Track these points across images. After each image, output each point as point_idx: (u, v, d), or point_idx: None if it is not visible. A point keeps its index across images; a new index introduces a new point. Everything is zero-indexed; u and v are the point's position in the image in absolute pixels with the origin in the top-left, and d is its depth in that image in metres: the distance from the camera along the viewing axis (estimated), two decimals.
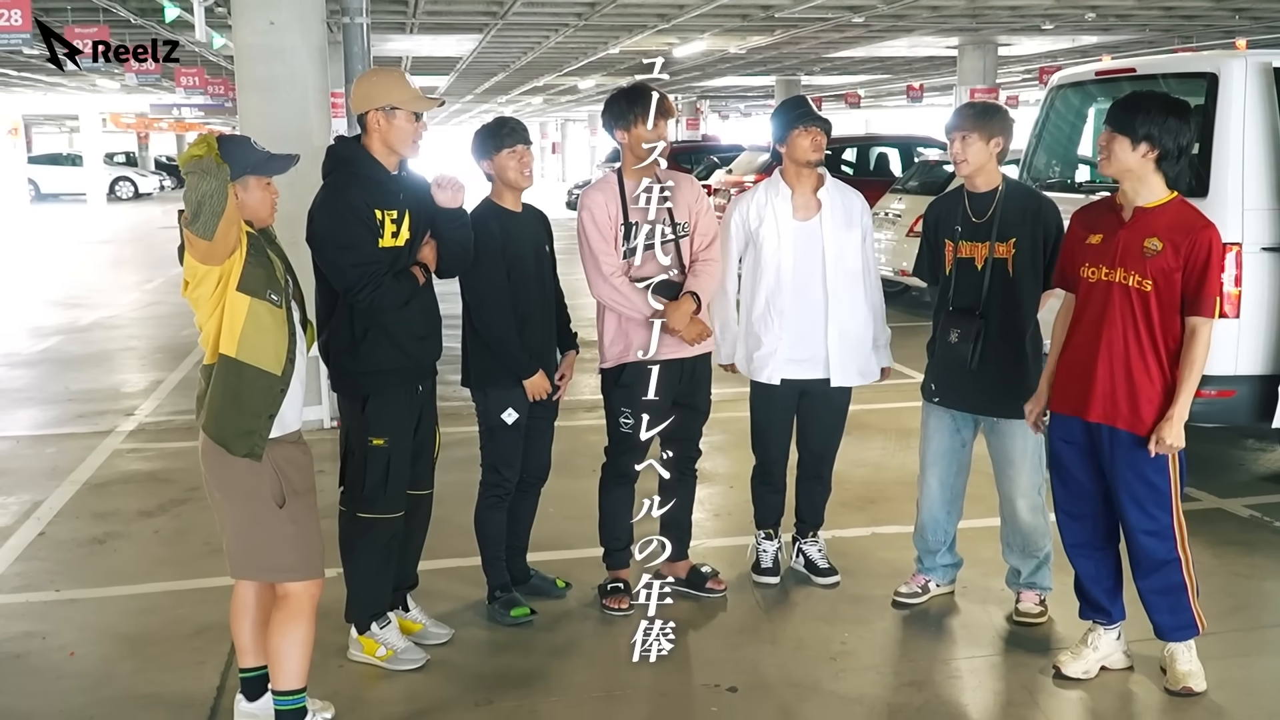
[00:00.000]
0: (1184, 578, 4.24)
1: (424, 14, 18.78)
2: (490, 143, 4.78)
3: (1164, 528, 4.20)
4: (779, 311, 5.15)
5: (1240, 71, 6.06)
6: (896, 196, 13.74)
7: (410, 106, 4.35)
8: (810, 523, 5.46)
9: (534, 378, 4.81)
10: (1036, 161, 7.76)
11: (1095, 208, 4.40)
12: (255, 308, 3.66)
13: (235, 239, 3.58)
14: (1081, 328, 4.27)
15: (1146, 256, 4.06)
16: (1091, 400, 4.20)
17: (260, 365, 3.68)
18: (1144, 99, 4.14)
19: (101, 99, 39.56)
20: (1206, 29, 22.26)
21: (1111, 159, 4.11)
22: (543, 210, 5.09)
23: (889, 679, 4.55)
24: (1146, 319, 4.08)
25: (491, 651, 4.77)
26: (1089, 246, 4.25)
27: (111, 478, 7.28)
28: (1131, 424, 4.13)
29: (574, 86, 37.52)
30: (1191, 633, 4.30)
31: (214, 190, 3.45)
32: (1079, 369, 4.25)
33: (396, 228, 4.36)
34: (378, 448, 4.40)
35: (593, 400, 5.99)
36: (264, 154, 3.72)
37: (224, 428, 3.70)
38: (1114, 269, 4.13)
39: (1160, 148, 4.04)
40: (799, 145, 5.08)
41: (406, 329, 4.41)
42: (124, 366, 11.32)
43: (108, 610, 5.27)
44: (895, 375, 5.51)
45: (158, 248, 23.20)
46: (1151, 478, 4.16)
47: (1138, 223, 4.12)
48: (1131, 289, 4.09)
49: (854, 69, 33.69)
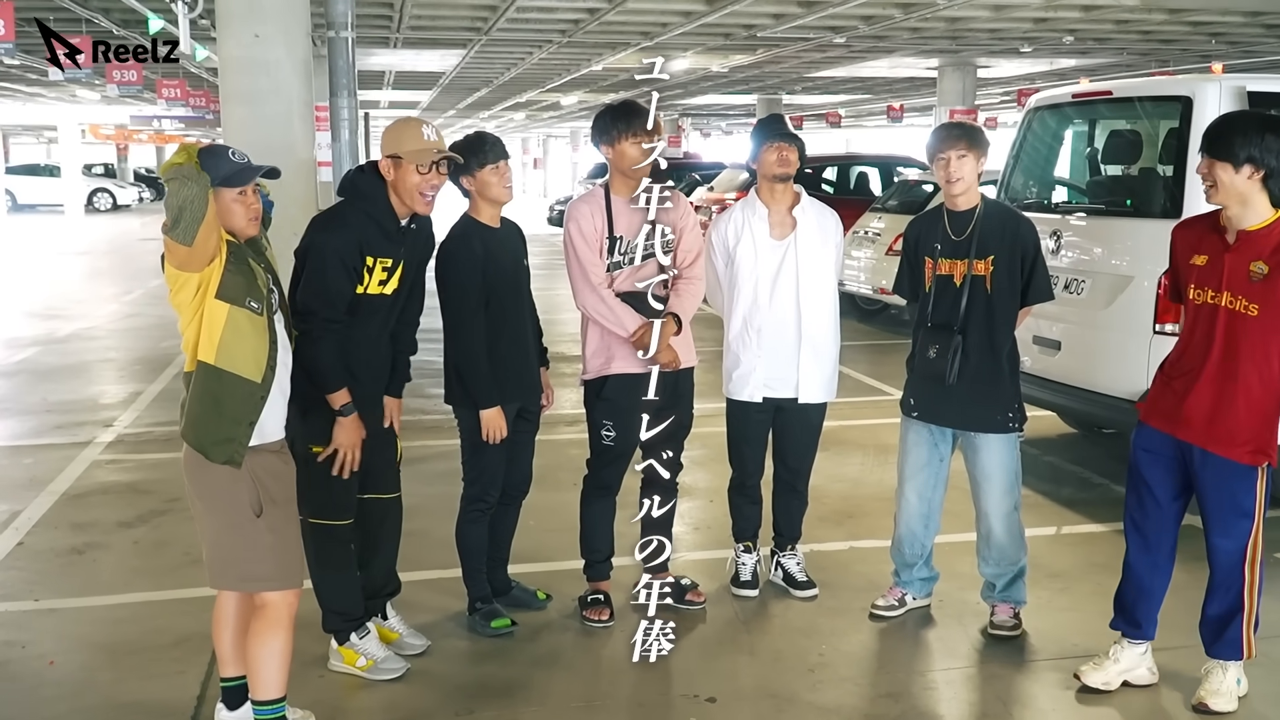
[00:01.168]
0: (1245, 599, 4.23)
1: (408, 29, 18.85)
2: (472, 159, 4.73)
3: (1239, 548, 4.20)
4: (756, 329, 5.21)
5: (1214, 95, 6.16)
6: (876, 215, 13.84)
7: (413, 160, 4.25)
8: (788, 536, 5.51)
9: (492, 412, 4.75)
10: (1014, 182, 7.85)
11: (1197, 226, 4.30)
12: (235, 315, 3.66)
13: (215, 246, 3.59)
14: (1187, 345, 4.24)
15: (1252, 281, 4.00)
16: (1189, 419, 4.18)
17: (239, 372, 3.69)
18: (1236, 120, 4.09)
19: (81, 110, 39.43)
20: (1183, 53, 22.48)
21: (1219, 187, 4.01)
22: (519, 224, 5.13)
23: (866, 690, 4.59)
24: (1250, 343, 4.04)
25: (472, 662, 4.79)
26: (1194, 267, 4.17)
27: (90, 488, 7.27)
28: (1227, 448, 4.12)
29: (557, 102, 37.63)
30: (1235, 655, 4.29)
31: (194, 196, 3.48)
32: (1179, 385, 4.22)
33: (387, 276, 4.33)
34: (317, 456, 4.33)
35: (573, 414, 6.03)
36: (238, 165, 3.71)
37: (202, 435, 3.71)
38: (1220, 292, 4.07)
39: (1265, 167, 3.95)
40: (766, 161, 5.15)
41: (356, 358, 4.36)
42: (102, 378, 11.29)
43: (87, 620, 5.26)
44: (874, 391, 5.55)
45: (136, 259, 23.15)
46: (1241, 500, 4.16)
47: (1242, 245, 4.05)
48: (1237, 313, 4.03)
49: (835, 89, 33.89)
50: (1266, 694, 4.46)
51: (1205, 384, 4.14)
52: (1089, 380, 6.71)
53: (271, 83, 8.29)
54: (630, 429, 5.03)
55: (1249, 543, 4.21)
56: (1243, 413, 4.09)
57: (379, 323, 4.44)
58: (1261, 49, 21.21)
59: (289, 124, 8.32)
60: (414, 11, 17.30)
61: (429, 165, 4.27)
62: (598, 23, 17.81)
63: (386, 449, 4.65)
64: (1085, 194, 7.77)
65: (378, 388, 4.55)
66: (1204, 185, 4.09)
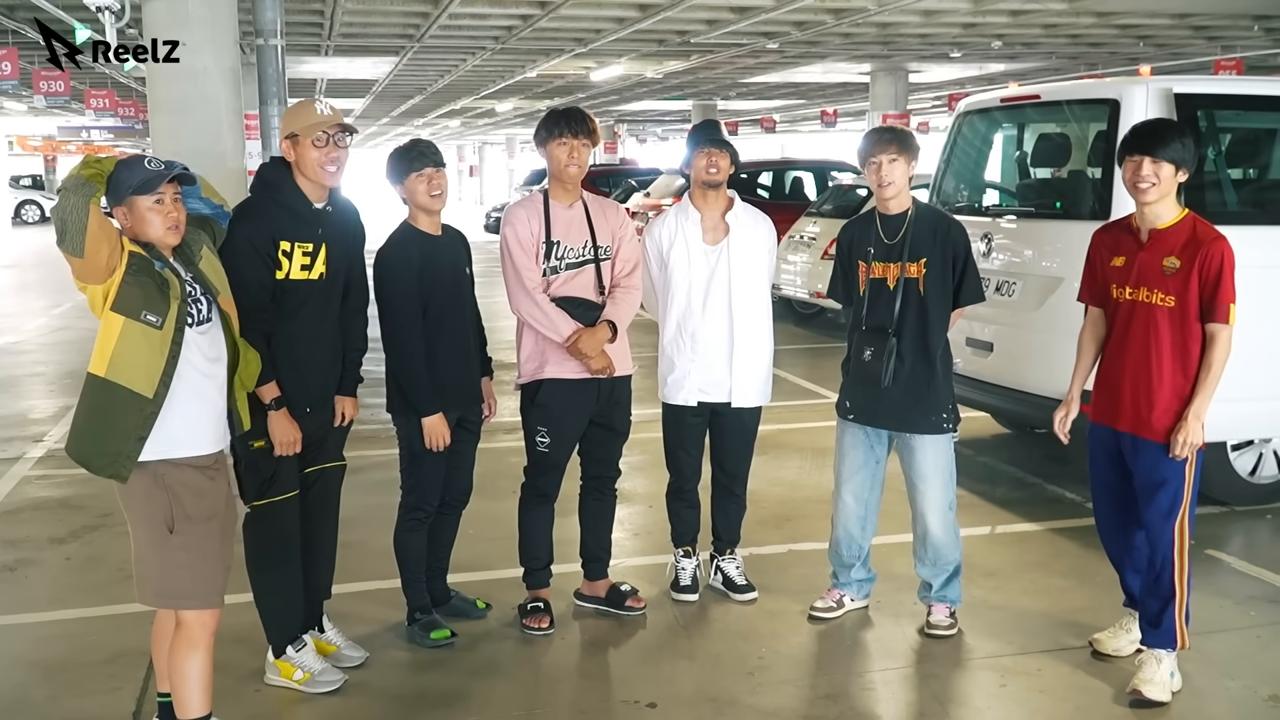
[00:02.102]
0: (1175, 585, 4.37)
1: (339, 36, 18.72)
2: (401, 166, 4.74)
3: (1167, 532, 4.36)
4: (690, 334, 5.23)
5: (1141, 97, 6.22)
6: (811, 220, 13.92)
7: (307, 134, 4.28)
8: (727, 540, 5.52)
9: (434, 419, 4.74)
10: (945, 185, 7.93)
11: (1114, 231, 4.61)
12: (129, 328, 3.58)
13: (108, 256, 3.53)
14: (1116, 344, 4.50)
15: (1167, 275, 4.29)
16: (1121, 411, 4.44)
17: (130, 386, 3.60)
18: (1164, 126, 4.40)
19: (8, 121, 38.80)
20: (1112, 55, 22.83)
21: (1161, 185, 4.26)
22: (463, 232, 5.11)
23: (805, 692, 4.62)
24: (1170, 333, 4.30)
25: (411, 673, 4.76)
26: (1114, 268, 4.48)
27: (21, 505, 7.15)
28: (1153, 431, 4.34)
29: (492, 110, 37.55)
30: (1170, 644, 4.42)
31: (74, 206, 3.44)
32: (1112, 381, 4.49)
33: (310, 260, 4.31)
34: (258, 449, 4.30)
35: (512, 422, 6.01)
36: (150, 173, 3.65)
37: (86, 448, 3.65)
38: (1137, 289, 4.37)
39: (1189, 169, 4.30)
40: (697, 166, 5.19)
41: (303, 355, 4.36)
42: (31, 392, 11.11)
43: (20, 637, 5.18)
44: (811, 395, 5.59)
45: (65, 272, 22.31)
46: (1168, 482, 4.35)
47: (1155, 243, 4.35)
48: (1156, 305, 4.32)
49: (769, 94, 34.12)
50: (1203, 689, 4.55)
51: (1133, 376, 4.39)
52: (1021, 381, 6.78)
53: (199, 91, 8.22)
54: (566, 435, 5.04)
55: (1176, 527, 4.36)
56: (1169, 399, 4.31)
57: (315, 313, 4.40)
58: (1189, 51, 21.57)
59: (218, 133, 8.25)
60: (345, 19, 17.18)
61: (325, 139, 4.29)
62: (531, 29, 17.80)
63: (331, 429, 4.60)
64: (1015, 197, 7.86)
65: (326, 385, 4.53)
66: (1142, 185, 4.28)
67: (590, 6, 16.50)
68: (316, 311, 4.41)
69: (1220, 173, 6.75)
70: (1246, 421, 6.47)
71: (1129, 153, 4.31)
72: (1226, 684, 4.60)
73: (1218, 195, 6.65)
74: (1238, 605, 5.37)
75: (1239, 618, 5.24)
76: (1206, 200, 6.27)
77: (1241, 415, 6.39)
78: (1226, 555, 6.00)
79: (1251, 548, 6.23)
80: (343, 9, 16.38)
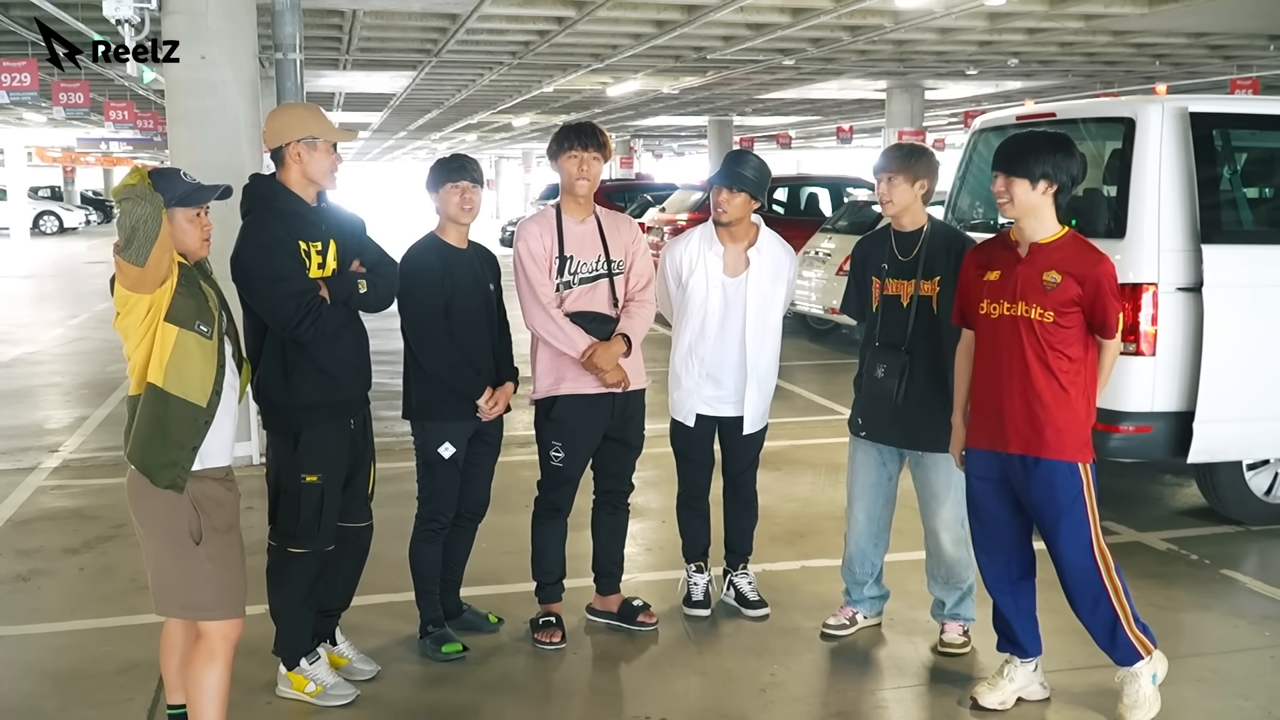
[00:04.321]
0: (1115, 608, 4.30)
1: (358, 50, 18.81)
2: (440, 175, 4.86)
3: (1086, 557, 4.28)
4: (699, 358, 5.24)
5: (1157, 116, 6.20)
6: (826, 236, 13.93)
7: (329, 138, 4.37)
8: (739, 552, 5.52)
9: (484, 396, 4.84)
10: (960, 203, 7.92)
11: (989, 246, 4.52)
12: (183, 338, 3.64)
13: (167, 268, 3.57)
14: (987, 362, 4.38)
15: (1046, 289, 4.21)
16: (1008, 432, 4.31)
17: (185, 396, 3.66)
18: (1027, 141, 4.30)
19: (27, 132, 39.04)
20: (1128, 74, 22.81)
21: (1014, 202, 4.24)
22: (490, 250, 5.13)
23: (817, 710, 4.60)
24: (1050, 348, 4.22)
25: (423, 686, 4.76)
26: (987, 283, 4.36)
27: (35, 515, 7.18)
28: (1047, 450, 4.25)
29: (508, 124, 37.65)
30: (1135, 657, 4.37)
31: (147, 216, 3.46)
32: (991, 403, 4.37)
33: (322, 259, 4.37)
34: (311, 484, 4.37)
35: (526, 436, 6.02)
36: (191, 186, 3.72)
37: (149, 458, 3.68)
38: (1015, 303, 4.26)
39: (1058, 182, 4.21)
40: (711, 203, 5.20)
41: (337, 358, 4.40)
42: (48, 402, 11.15)
43: (32, 647, 5.20)
44: (825, 411, 5.59)
45: (82, 283, 22.93)
46: (1068, 505, 4.26)
47: (1035, 257, 4.26)
48: (1034, 321, 4.22)
49: (785, 110, 34.14)
50: (1218, 710, 4.52)
51: (1016, 394, 4.28)
52: None
53: (218, 104, 8.22)
54: (580, 450, 5.05)
55: (1092, 547, 4.29)
56: (1055, 414, 4.23)
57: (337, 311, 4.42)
58: (1205, 70, 21.55)
59: (236, 146, 8.25)
60: (363, 33, 17.27)
61: (333, 146, 4.41)
62: (548, 44, 17.85)
63: (362, 471, 4.64)
64: None
65: (361, 388, 4.56)
66: (999, 201, 4.30)
67: (607, 23, 16.54)
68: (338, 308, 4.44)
69: (1236, 191, 6.73)
70: (1262, 441, 6.45)
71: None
72: (1241, 704, 4.58)
73: (1233, 214, 6.64)
74: (1252, 625, 5.35)
75: (1253, 638, 5.23)
76: (1222, 219, 6.26)
77: (1257, 435, 6.38)
78: (1241, 575, 5.98)
79: (1266, 568, 6.20)
80: (361, 23, 16.47)
